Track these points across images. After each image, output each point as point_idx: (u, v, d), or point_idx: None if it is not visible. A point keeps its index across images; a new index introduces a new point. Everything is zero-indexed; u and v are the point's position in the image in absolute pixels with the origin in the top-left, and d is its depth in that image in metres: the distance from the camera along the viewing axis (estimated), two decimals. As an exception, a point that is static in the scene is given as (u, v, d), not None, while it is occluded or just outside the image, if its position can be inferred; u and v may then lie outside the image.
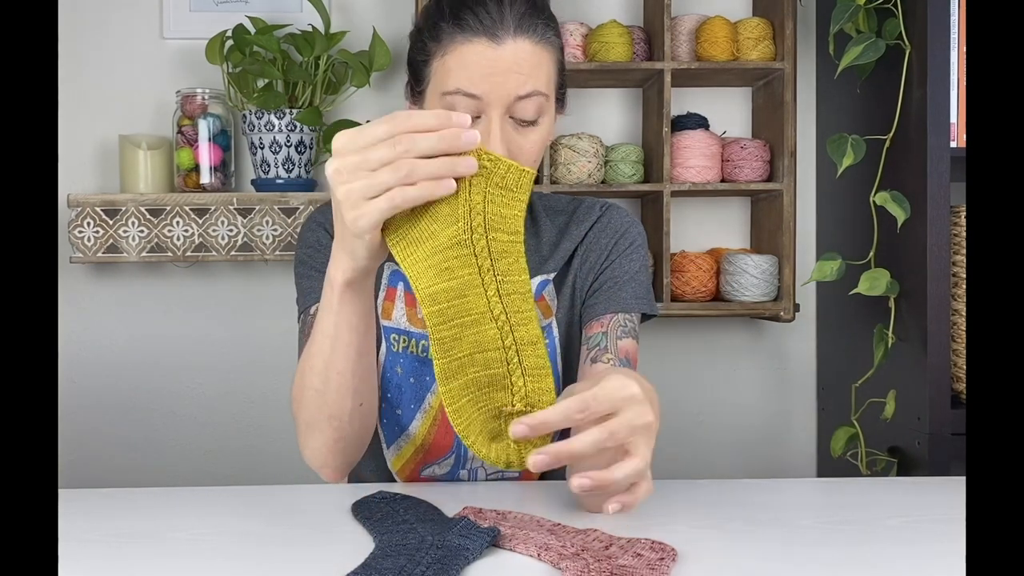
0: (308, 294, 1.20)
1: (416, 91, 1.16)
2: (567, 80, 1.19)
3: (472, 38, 1.07)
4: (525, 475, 1.26)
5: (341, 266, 0.91)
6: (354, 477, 1.33)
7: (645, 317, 1.25)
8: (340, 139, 0.82)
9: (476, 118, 1.08)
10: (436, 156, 0.81)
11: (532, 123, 1.10)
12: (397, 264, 1.21)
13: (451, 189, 0.80)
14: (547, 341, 1.22)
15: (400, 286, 1.23)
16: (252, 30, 2.02)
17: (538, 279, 1.23)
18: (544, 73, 1.10)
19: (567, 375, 1.24)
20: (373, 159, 0.81)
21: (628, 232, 1.25)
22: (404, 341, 1.22)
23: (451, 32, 1.08)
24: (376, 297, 1.23)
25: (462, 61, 1.07)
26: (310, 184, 2.07)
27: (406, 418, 1.22)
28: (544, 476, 1.29)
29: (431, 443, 1.22)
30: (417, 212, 0.81)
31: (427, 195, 0.80)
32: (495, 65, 1.06)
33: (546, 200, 1.30)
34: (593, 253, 1.24)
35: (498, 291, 0.80)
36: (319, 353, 0.99)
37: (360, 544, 0.96)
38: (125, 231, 1.99)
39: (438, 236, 0.80)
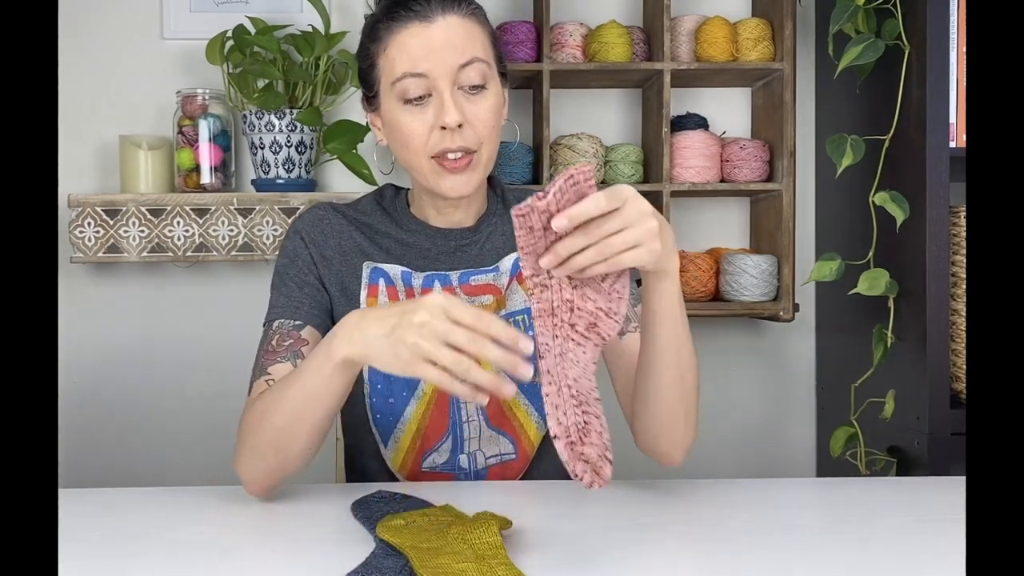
0: (274, 306, 1.24)
1: (369, 98, 1.25)
2: (503, 53, 1.26)
3: (406, 24, 1.17)
4: (521, 455, 1.26)
5: (351, 351, 0.98)
6: (355, 476, 1.33)
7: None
8: (439, 299, 0.93)
9: (428, 96, 1.16)
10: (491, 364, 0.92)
11: (480, 88, 1.17)
12: (377, 262, 1.26)
13: (484, 400, 0.93)
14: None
15: (381, 282, 1.25)
16: (252, 30, 2.02)
17: (514, 255, 1.28)
18: (479, 42, 1.18)
19: None
20: (452, 338, 0.91)
21: None
22: None
23: (387, 26, 1.18)
24: (358, 297, 1.25)
25: (402, 47, 1.17)
26: (310, 184, 2.07)
27: (400, 405, 1.23)
28: (543, 476, 1.29)
29: (427, 427, 1.23)
30: (433, 551, 0.90)
31: (467, 398, 0.92)
32: (431, 42, 1.15)
33: (515, 192, 1.35)
34: None
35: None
36: (292, 401, 1.04)
37: (360, 544, 0.96)
38: (126, 231, 1.99)
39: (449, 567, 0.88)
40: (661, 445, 1.16)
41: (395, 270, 1.25)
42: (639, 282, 1.30)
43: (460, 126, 1.16)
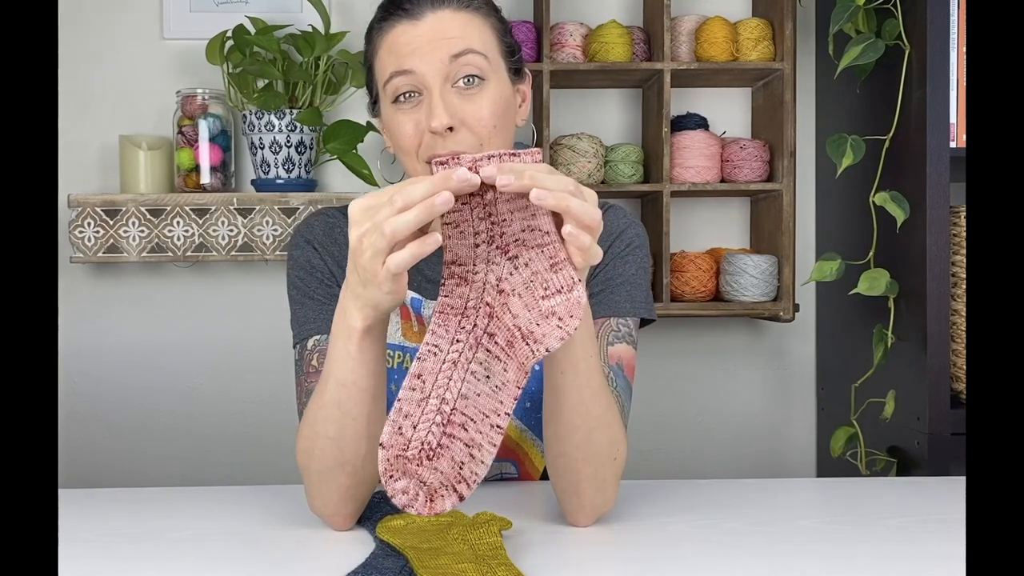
0: (304, 323, 1.16)
1: (372, 102, 1.19)
2: (518, 49, 1.17)
3: (395, 23, 1.10)
4: (524, 475, 1.26)
5: (361, 314, 0.91)
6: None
7: (644, 322, 1.21)
8: (353, 209, 0.86)
9: (419, 94, 1.09)
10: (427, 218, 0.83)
11: (477, 83, 1.08)
12: None
13: (437, 242, 0.83)
14: None
15: None
16: (252, 30, 2.02)
17: None
18: (476, 35, 1.09)
19: None
20: (378, 220, 0.83)
21: (625, 233, 1.19)
22: (399, 356, 1.20)
23: (378, 27, 1.12)
24: None
25: (390, 47, 1.10)
26: (310, 184, 2.07)
27: None
28: (543, 477, 1.29)
29: None
30: (433, 551, 0.87)
31: (423, 251, 0.83)
32: (419, 38, 1.08)
33: None
34: None
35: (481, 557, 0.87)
36: (333, 402, 0.96)
37: (360, 544, 0.96)
38: (125, 231, 1.99)
39: (449, 568, 0.86)
40: (564, 502, 1.04)
41: (407, 295, 1.17)
42: (644, 322, 1.20)
43: (452, 129, 1.06)
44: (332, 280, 1.17)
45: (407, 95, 1.09)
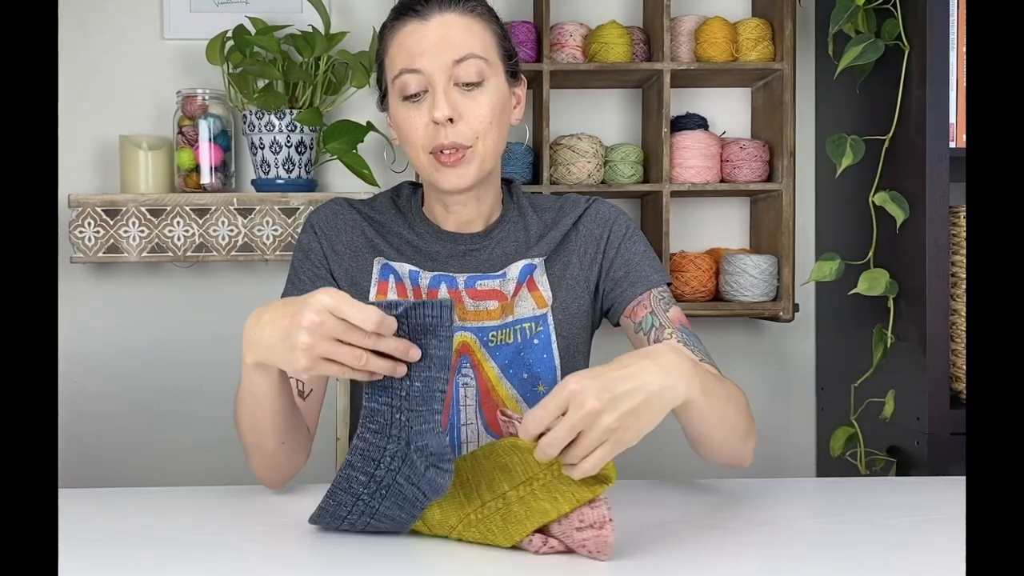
0: None
1: (381, 95, 1.30)
2: (515, 54, 1.27)
3: (406, 22, 1.22)
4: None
5: (259, 353, 0.99)
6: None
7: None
8: (326, 300, 0.92)
9: (425, 92, 1.20)
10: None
11: (477, 85, 1.20)
12: (388, 259, 1.26)
13: (379, 376, 0.94)
14: (541, 329, 1.25)
15: (391, 279, 1.26)
16: (252, 30, 2.02)
17: (523, 262, 1.27)
18: (478, 40, 1.21)
19: (565, 365, 1.26)
20: (346, 337, 0.91)
21: (619, 220, 1.31)
22: None
23: (390, 25, 1.24)
24: (368, 292, 1.26)
25: (400, 44, 1.22)
26: (310, 184, 2.07)
27: None
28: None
29: None
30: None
31: (364, 379, 0.94)
32: (427, 39, 1.20)
33: (533, 199, 1.35)
34: (590, 245, 1.30)
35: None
36: (244, 403, 1.10)
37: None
38: (125, 231, 1.99)
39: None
40: (726, 461, 1.22)
41: (404, 268, 1.27)
42: (669, 284, 1.31)
43: (452, 121, 1.18)
44: (323, 264, 1.28)
45: (415, 96, 1.20)
